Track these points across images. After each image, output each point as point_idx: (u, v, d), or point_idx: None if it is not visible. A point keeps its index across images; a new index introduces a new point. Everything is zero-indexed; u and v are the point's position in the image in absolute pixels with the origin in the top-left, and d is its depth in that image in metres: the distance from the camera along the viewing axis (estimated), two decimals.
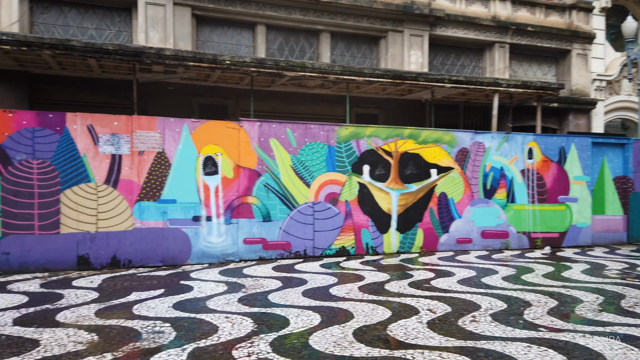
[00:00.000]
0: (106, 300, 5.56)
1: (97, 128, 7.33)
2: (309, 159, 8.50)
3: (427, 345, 4.11)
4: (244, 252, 8.11)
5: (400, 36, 13.42)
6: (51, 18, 10.94)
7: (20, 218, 6.93)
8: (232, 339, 4.24)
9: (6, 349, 3.93)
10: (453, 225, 9.51)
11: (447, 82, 10.30)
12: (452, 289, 6.25)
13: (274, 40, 12.64)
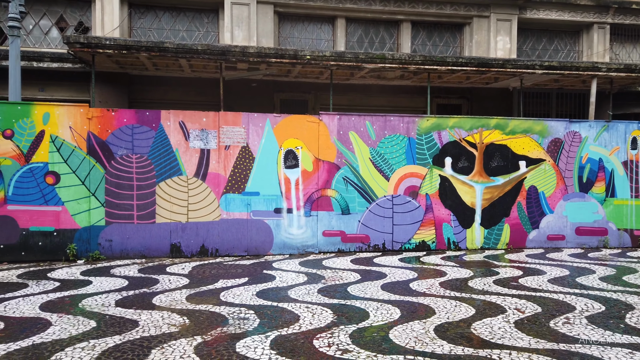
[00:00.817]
0: (196, 286, 5.91)
1: (188, 124, 7.78)
2: (388, 152, 8.39)
3: (514, 345, 3.91)
4: (323, 244, 8.22)
5: (486, 21, 12.78)
6: (147, 22, 11.76)
7: (122, 208, 7.56)
8: (312, 328, 4.32)
9: (110, 328, 4.32)
10: (544, 220, 8.93)
11: (538, 68, 9.66)
12: (543, 288, 5.88)
13: (353, 33, 12.61)
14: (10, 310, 4.83)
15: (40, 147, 7.31)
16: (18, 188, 7.25)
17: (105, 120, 7.53)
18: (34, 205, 7.28)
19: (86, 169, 7.44)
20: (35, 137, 7.31)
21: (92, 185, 7.46)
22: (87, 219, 7.45)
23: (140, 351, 3.75)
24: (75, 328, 4.29)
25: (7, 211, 7.21)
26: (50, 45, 11.31)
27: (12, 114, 7.25)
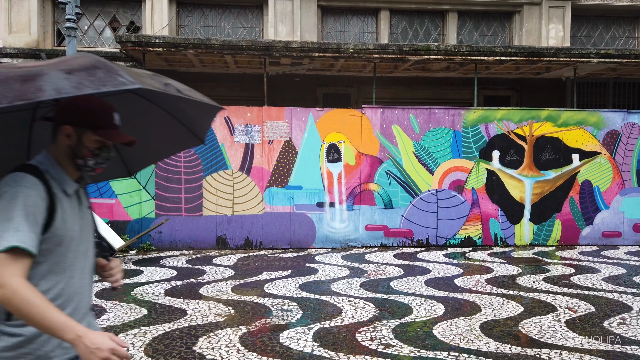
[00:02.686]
0: (241, 277, 6.04)
1: (233, 119, 7.94)
2: (432, 145, 8.24)
3: (565, 345, 3.77)
4: (365, 238, 8.19)
5: (538, 9, 12.26)
6: (194, 20, 12.06)
7: (170, 201, 7.82)
8: (355, 322, 4.32)
9: (160, 316, 4.50)
10: (598, 216, 8.51)
11: (593, 56, 9.18)
12: (596, 287, 5.62)
13: (397, 25, 12.42)
14: None
15: None
16: None
17: None
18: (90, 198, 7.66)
19: None
20: None
21: (143, 179, 7.76)
22: (138, 211, 7.76)
23: (188, 339, 3.88)
24: (128, 315, 4.49)
25: None
26: (104, 44, 11.81)
27: None
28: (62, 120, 1.54)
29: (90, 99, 1.54)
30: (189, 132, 2.14)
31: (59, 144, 1.56)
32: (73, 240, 1.55)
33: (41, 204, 1.43)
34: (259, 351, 3.64)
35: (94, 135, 1.54)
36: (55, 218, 1.47)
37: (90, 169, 1.61)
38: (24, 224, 1.36)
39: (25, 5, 11.20)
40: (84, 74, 1.33)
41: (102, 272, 1.82)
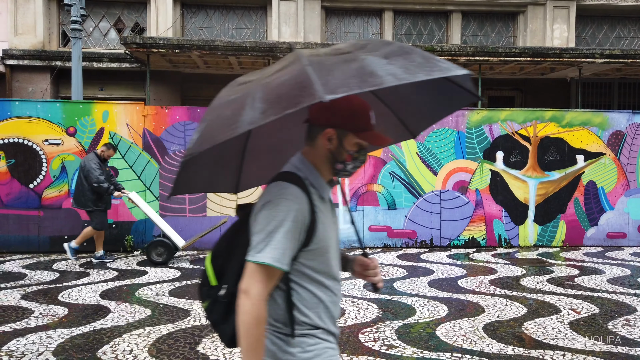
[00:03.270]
0: None
1: None
2: (436, 146, 8.23)
3: (569, 347, 3.76)
4: (369, 239, 8.19)
5: (542, 9, 12.23)
6: (198, 21, 12.10)
7: (174, 202, 7.85)
8: (358, 323, 4.33)
9: (164, 316, 4.52)
10: (603, 217, 8.48)
11: (598, 57, 9.16)
12: (601, 288, 5.60)
13: (401, 26, 12.43)
14: (73, 297, 5.15)
15: (100, 144, 7.71)
16: None
17: (159, 118, 7.84)
18: None
19: (142, 164, 7.78)
20: (96, 134, 7.71)
21: (147, 180, 7.80)
22: (142, 212, 7.78)
23: (191, 339, 3.90)
24: (132, 315, 4.51)
25: (71, 204, 7.66)
26: (109, 46, 11.88)
27: (74, 113, 7.69)
28: (322, 122, 1.43)
29: (350, 99, 1.39)
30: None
31: (318, 147, 1.45)
32: (331, 246, 1.47)
33: (303, 219, 1.35)
34: None
35: (355, 138, 1.42)
36: (317, 229, 1.39)
37: (348, 173, 1.49)
38: (282, 240, 1.31)
39: (31, 8, 11.27)
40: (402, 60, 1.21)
41: (362, 271, 1.67)
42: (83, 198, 6.75)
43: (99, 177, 6.66)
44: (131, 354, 3.60)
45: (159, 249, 6.75)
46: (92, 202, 6.74)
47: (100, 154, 6.95)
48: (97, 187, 6.65)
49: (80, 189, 6.77)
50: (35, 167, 7.62)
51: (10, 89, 11.13)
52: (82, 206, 6.82)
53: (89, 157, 6.84)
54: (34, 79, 11.19)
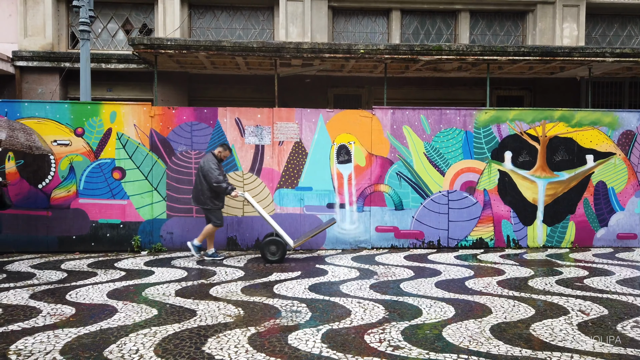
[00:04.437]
0: (251, 279, 6.06)
1: (243, 121, 7.97)
2: (443, 146, 8.18)
3: (577, 349, 3.71)
4: (376, 239, 8.16)
5: (551, 8, 12.13)
6: (206, 22, 12.14)
7: (182, 202, 7.88)
8: (364, 324, 4.31)
9: (170, 316, 4.53)
10: (613, 218, 8.38)
11: (608, 55, 9.05)
12: (610, 289, 5.53)
13: (408, 25, 12.38)
14: (81, 296, 5.18)
15: (107, 144, 7.76)
16: (88, 182, 7.74)
17: (166, 118, 7.87)
18: (103, 199, 7.75)
19: (149, 165, 7.81)
20: (104, 135, 7.76)
21: (154, 180, 7.83)
22: (150, 213, 7.83)
23: (197, 339, 3.90)
24: (139, 315, 4.53)
25: (79, 204, 7.72)
26: (117, 47, 11.95)
27: (82, 113, 7.74)
28: None
29: None
30: None
31: None
32: None
33: None
34: (268, 352, 3.64)
35: None
36: None
37: None
38: None
39: (40, 9, 11.38)
40: None
41: None
42: (202, 197, 7.08)
43: (218, 177, 6.97)
44: (137, 353, 3.61)
45: (272, 248, 6.99)
46: (210, 200, 7.06)
47: (217, 154, 7.22)
48: (217, 187, 6.96)
49: (199, 188, 7.10)
50: (43, 168, 7.68)
51: (19, 90, 11.24)
52: (202, 204, 7.11)
53: (207, 158, 7.12)
54: (43, 80, 11.29)
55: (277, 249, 6.99)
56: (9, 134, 6.27)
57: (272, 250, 6.98)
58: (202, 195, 7.08)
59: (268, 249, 6.98)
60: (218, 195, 7.13)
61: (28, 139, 6.48)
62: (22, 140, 6.38)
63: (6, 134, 6.25)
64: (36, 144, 6.57)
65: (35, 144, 6.55)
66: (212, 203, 7.10)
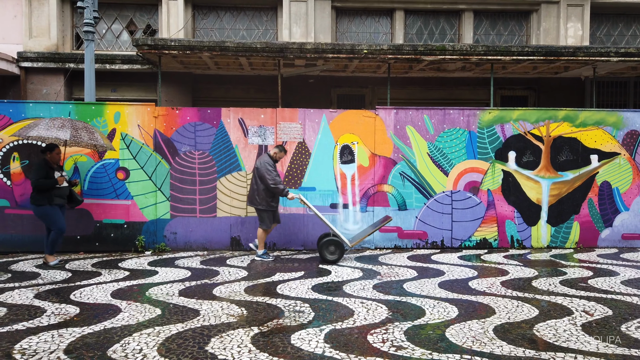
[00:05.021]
0: (254, 278, 6.07)
1: (246, 121, 7.99)
2: (447, 146, 8.17)
3: (580, 349, 3.70)
4: (379, 240, 8.15)
5: (556, 8, 12.09)
6: (209, 23, 12.17)
7: (185, 202, 7.90)
8: (367, 324, 4.31)
9: (173, 316, 4.54)
10: (618, 218, 8.34)
11: (613, 55, 9.01)
12: (615, 290, 5.50)
13: (412, 25, 12.37)
14: (85, 296, 5.20)
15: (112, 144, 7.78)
16: (92, 183, 7.77)
17: (170, 119, 7.89)
18: (107, 199, 7.78)
19: (153, 165, 7.84)
20: (108, 135, 7.79)
21: (158, 180, 7.85)
22: (153, 213, 7.85)
23: (200, 339, 3.91)
24: (142, 315, 4.54)
25: (83, 204, 7.74)
26: (121, 48, 12.00)
27: (87, 114, 7.78)
28: None
29: None
30: None
31: None
32: None
33: None
34: (270, 352, 3.65)
35: None
36: None
37: None
38: None
39: (45, 10, 11.44)
40: None
41: None
42: (258, 197, 7.12)
43: (276, 178, 7.03)
44: (141, 352, 3.63)
45: (330, 248, 7.04)
46: (265, 201, 7.10)
47: (272, 155, 7.25)
48: (274, 188, 7.00)
49: (254, 188, 7.14)
50: None
51: (24, 91, 11.30)
52: (256, 205, 7.16)
53: (264, 159, 7.15)
54: (48, 80, 11.35)
55: (336, 248, 7.03)
56: (72, 134, 6.37)
57: (331, 250, 7.03)
58: (257, 195, 7.11)
59: (327, 249, 7.03)
60: (274, 196, 7.16)
61: (91, 138, 6.58)
62: (85, 139, 6.48)
63: (70, 133, 6.35)
64: (99, 142, 6.67)
65: (98, 142, 6.66)
66: (267, 204, 7.12)
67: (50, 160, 6.68)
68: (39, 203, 6.56)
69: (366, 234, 7.26)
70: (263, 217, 7.21)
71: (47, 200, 6.57)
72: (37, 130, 6.39)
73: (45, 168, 6.58)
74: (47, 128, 6.41)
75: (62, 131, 6.37)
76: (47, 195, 6.58)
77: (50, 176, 6.59)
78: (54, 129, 6.38)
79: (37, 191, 6.55)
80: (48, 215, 6.62)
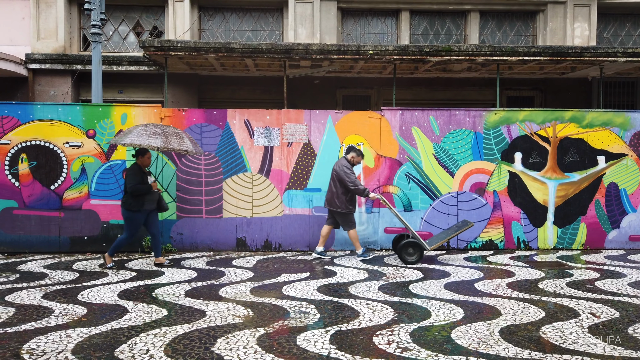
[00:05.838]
0: (260, 279, 6.09)
1: (252, 122, 8.01)
2: (453, 147, 8.15)
3: (587, 352, 3.68)
4: (385, 241, 8.15)
5: (562, 8, 12.04)
6: (215, 24, 12.22)
7: (191, 203, 7.93)
8: (372, 325, 4.31)
9: (179, 317, 4.57)
10: (625, 219, 8.29)
11: (620, 55, 8.96)
12: (622, 292, 5.47)
13: (418, 26, 12.35)
14: (92, 297, 5.24)
15: (118, 146, 7.83)
16: (99, 184, 7.83)
17: (176, 120, 7.93)
18: (114, 200, 7.82)
19: (159, 166, 7.88)
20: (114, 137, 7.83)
21: (164, 182, 7.89)
22: (160, 213, 7.88)
23: (206, 340, 3.93)
24: (149, 315, 4.57)
25: (90, 205, 7.80)
26: (128, 49, 12.07)
27: (94, 115, 7.83)
28: None
29: None
30: None
31: None
32: None
33: None
34: (276, 353, 3.66)
35: None
36: None
37: None
38: None
39: (53, 12, 11.53)
40: None
41: None
42: (337, 201, 7.18)
43: (355, 180, 7.11)
44: (147, 353, 3.65)
45: (409, 250, 7.09)
46: (345, 204, 7.17)
47: (350, 159, 7.30)
48: (355, 190, 7.09)
49: (334, 191, 7.20)
50: (56, 169, 7.78)
51: (32, 92, 11.39)
52: (336, 208, 7.20)
53: (342, 163, 7.22)
54: (55, 82, 11.43)
55: (414, 250, 7.07)
56: (163, 140, 6.36)
57: (409, 252, 7.07)
58: (337, 199, 7.16)
59: (406, 251, 7.07)
60: (352, 199, 7.23)
61: (180, 144, 6.53)
62: (175, 145, 6.45)
63: (161, 140, 6.34)
64: (189, 147, 6.63)
65: (188, 148, 6.62)
66: (347, 207, 7.18)
67: (142, 164, 6.65)
68: (132, 209, 6.50)
69: (446, 237, 7.28)
70: (347, 219, 7.26)
71: (140, 205, 6.52)
72: (130, 138, 6.38)
73: (140, 173, 6.53)
74: (139, 135, 6.38)
75: (153, 138, 6.34)
76: (142, 201, 6.53)
77: (145, 181, 6.56)
78: (146, 136, 6.36)
79: (133, 196, 6.48)
80: (133, 221, 6.57)
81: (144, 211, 6.62)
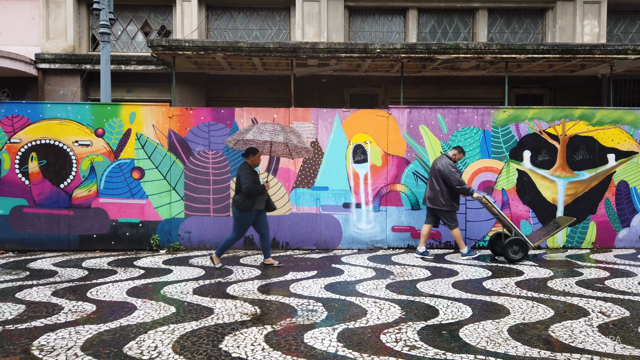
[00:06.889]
0: (267, 277, 6.10)
1: (260, 121, 8.02)
2: (461, 145, 8.10)
3: (597, 351, 3.65)
4: (392, 239, 8.13)
5: (572, 5, 11.92)
6: (223, 23, 12.25)
7: (199, 202, 7.96)
8: (380, 323, 4.30)
9: (187, 314, 4.59)
10: (635, 218, 8.20)
11: (630, 53, 8.85)
12: (632, 291, 5.42)
13: (425, 24, 12.30)
14: (101, 294, 5.28)
15: (127, 145, 7.88)
16: (108, 182, 7.88)
17: (184, 119, 7.96)
18: (122, 198, 7.88)
19: (167, 165, 7.92)
20: (123, 135, 7.89)
21: (172, 180, 7.93)
22: (168, 212, 7.93)
23: (214, 337, 3.95)
24: (157, 313, 4.60)
25: (99, 204, 7.86)
26: (136, 49, 12.13)
27: (103, 114, 7.88)
28: None
29: None
30: None
31: None
32: None
33: None
34: (284, 350, 3.67)
35: None
36: None
37: None
38: None
39: (62, 13, 11.62)
40: None
41: None
42: (442, 199, 7.17)
43: (460, 179, 7.09)
44: (156, 350, 3.67)
45: (514, 247, 7.10)
46: (449, 202, 7.17)
47: (451, 156, 7.31)
48: (461, 189, 7.09)
49: (437, 190, 7.19)
50: (65, 168, 7.84)
51: (42, 92, 11.49)
52: (440, 206, 7.19)
53: (445, 161, 7.20)
54: (65, 82, 11.53)
55: (520, 248, 7.07)
56: (285, 137, 6.30)
57: (514, 250, 7.07)
58: (441, 197, 7.13)
59: (511, 249, 7.06)
60: (456, 197, 7.22)
61: (299, 141, 6.50)
62: (295, 142, 6.39)
63: (283, 136, 6.28)
64: (306, 145, 6.59)
65: (305, 146, 6.58)
66: (452, 205, 7.17)
67: (252, 163, 6.57)
68: (245, 208, 6.41)
69: (550, 234, 7.23)
70: (450, 217, 7.22)
71: (251, 205, 6.42)
72: (252, 134, 6.29)
73: (253, 173, 6.45)
74: (260, 132, 6.28)
75: (275, 135, 6.26)
76: (253, 201, 6.43)
77: (257, 181, 6.48)
78: (267, 132, 6.27)
79: (247, 196, 6.38)
80: (244, 221, 6.49)
81: (255, 211, 6.49)
